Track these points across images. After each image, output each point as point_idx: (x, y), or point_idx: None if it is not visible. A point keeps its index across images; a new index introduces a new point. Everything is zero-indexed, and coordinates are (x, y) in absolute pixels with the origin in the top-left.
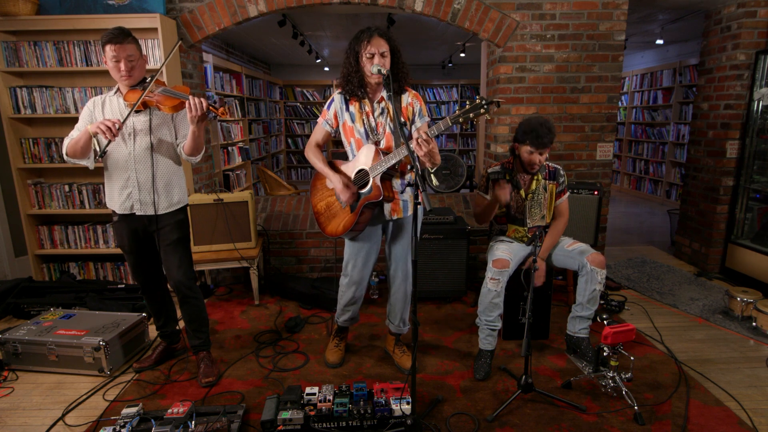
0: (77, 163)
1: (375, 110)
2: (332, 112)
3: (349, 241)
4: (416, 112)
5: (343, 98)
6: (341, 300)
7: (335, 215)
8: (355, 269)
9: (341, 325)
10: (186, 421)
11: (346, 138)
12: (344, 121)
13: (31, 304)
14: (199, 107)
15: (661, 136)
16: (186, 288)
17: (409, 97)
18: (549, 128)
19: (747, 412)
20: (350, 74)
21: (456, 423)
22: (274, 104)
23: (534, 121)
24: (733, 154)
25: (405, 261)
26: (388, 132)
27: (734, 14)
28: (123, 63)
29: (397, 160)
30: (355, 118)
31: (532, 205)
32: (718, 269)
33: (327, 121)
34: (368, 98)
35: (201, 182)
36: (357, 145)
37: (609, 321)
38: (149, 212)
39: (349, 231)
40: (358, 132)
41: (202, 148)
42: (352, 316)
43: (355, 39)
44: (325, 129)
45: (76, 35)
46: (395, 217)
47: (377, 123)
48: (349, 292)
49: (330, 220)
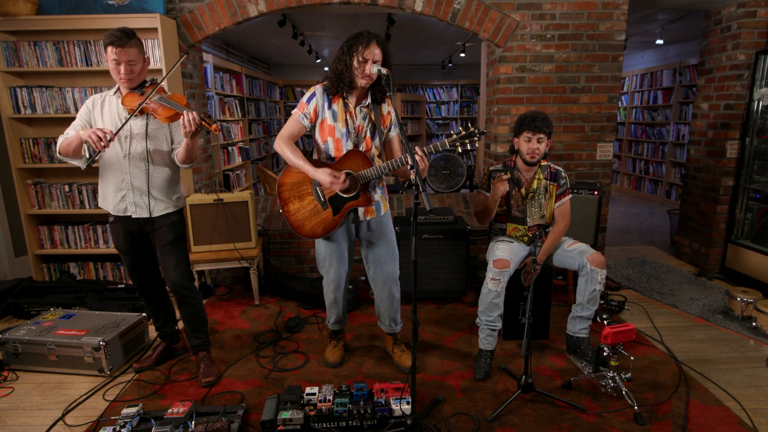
0: (70, 162)
1: (357, 114)
2: (312, 106)
3: (322, 240)
4: (393, 122)
5: (326, 95)
6: (326, 302)
7: (312, 216)
8: (332, 268)
9: (332, 328)
10: (186, 421)
11: (322, 136)
12: (324, 119)
13: (31, 304)
14: (192, 123)
15: (661, 136)
16: (183, 288)
17: (388, 106)
18: (544, 116)
19: (747, 412)
20: (342, 72)
21: (456, 423)
22: (274, 104)
23: (528, 112)
24: (733, 154)
25: (386, 262)
26: (368, 137)
27: (734, 14)
28: (123, 66)
29: (390, 169)
30: (338, 117)
31: (533, 204)
32: (718, 269)
33: (305, 114)
34: (354, 99)
35: (201, 182)
36: (335, 144)
37: (609, 321)
38: (144, 215)
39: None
40: (339, 131)
41: (195, 158)
42: (337, 318)
43: (353, 39)
44: (302, 123)
45: (76, 35)
46: (369, 218)
47: (358, 126)
48: (329, 292)
49: (306, 221)
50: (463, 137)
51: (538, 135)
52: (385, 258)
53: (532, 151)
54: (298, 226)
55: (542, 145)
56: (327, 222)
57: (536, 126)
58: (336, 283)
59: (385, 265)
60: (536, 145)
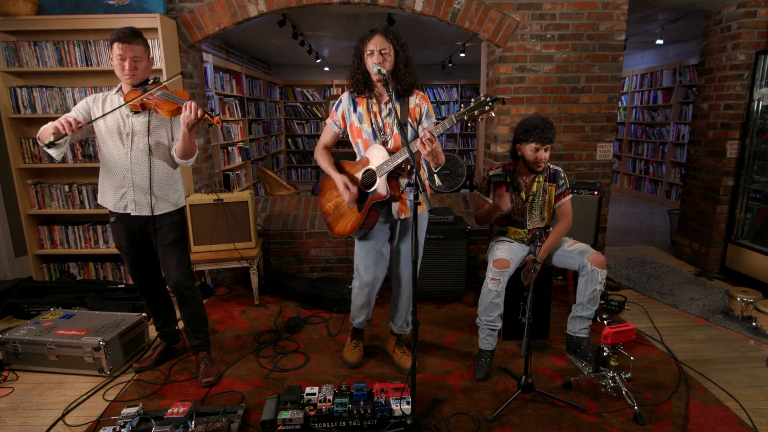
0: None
1: (382, 111)
2: (340, 113)
3: (359, 242)
4: (424, 113)
5: (351, 99)
6: (354, 302)
7: (343, 215)
8: (367, 270)
9: (356, 327)
10: (186, 421)
11: (353, 139)
12: (351, 122)
13: (31, 304)
14: (194, 112)
15: (661, 136)
16: (184, 288)
17: (417, 98)
18: (550, 124)
19: (747, 412)
20: (355, 72)
21: (456, 423)
22: (274, 104)
23: (534, 119)
24: (733, 154)
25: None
26: (395, 133)
27: (734, 14)
28: (128, 62)
29: (402, 160)
30: (363, 119)
31: (533, 208)
32: (718, 269)
33: (335, 122)
34: (376, 98)
35: (201, 182)
36: (364, 145)
37: (609, 321)
38: (145, 213)
39: (357, 230)
40: (365, 132)
41: (192, 153)
42: (366, 318)
43: (359, 39)
44: (333, 130)
45: (76, 35)
46: (403, 216)
47: (384, 124)
48: (362, 294)
49: (338, 220)
50: (472, 109)
51: (547, 145)
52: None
53: (539, 161)
54: (332, 226)
55: (548, 153)
56: (353, 219)
57: (546, 137)
58: (371, 286)
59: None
60: (544, 155)
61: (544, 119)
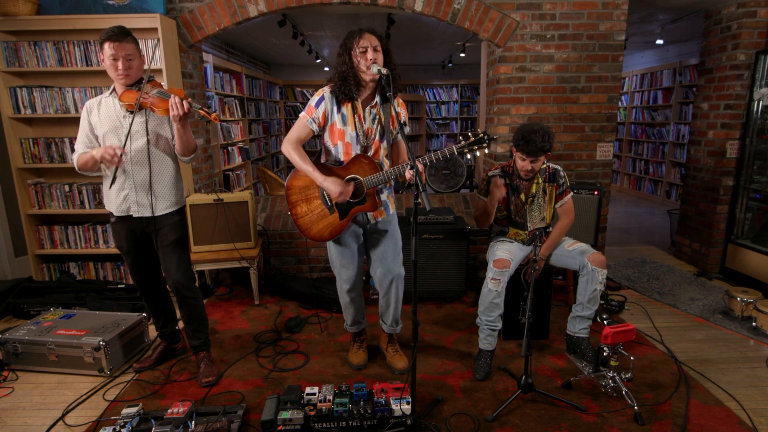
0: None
1: (366, 116)
2: (321, 110)
3: (332, 243)
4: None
5: (335, 98)
6: (341, 304)
7: (319, 219)
8: (344, 268)
9: (349, 331)
10: (186, 421)
11: (332, 139)
12: (333, 123)
13: (31, 304)
14: (179, 107)
15: (661, 136)
16: (185, 288)
17: (398, 107)
18: (543, 135)
19: (747, 412)
20: (346, 73)
21: (456, 423)
22: (274, 104)
23: (528, 128)
24: (733, 154)
25: (394, 261)
26: (377, 140)
27: (734, 14)
28: (121, 62)
29: (396, 175)
30: (347, 121)
31: (533, 209)
32: (718, 269)
33: (314, 119)
34: (360, 102)
35: (201, 182)
36: (344, 148)
37: (609, 321)
38: (146, 214)
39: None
40: (349, 136)
41: (191, 148)
42: (354, 320)
43: (347, 37)
44: (310, 127)
45: (76, 35)
46: (379, 218)
47: (367, 129)
48: (343, 293)
49: (314, 224)
50: (471, 144)
51: (532, 158)
52: (393, 257)
53: (525, 171)
54: (306, 229)
55: (537, 164)
56: (334, 226)
57: (531, 151)
58: (350, 283)
59: (392, 265)
60: (530, 166)
61: (539, 130)
